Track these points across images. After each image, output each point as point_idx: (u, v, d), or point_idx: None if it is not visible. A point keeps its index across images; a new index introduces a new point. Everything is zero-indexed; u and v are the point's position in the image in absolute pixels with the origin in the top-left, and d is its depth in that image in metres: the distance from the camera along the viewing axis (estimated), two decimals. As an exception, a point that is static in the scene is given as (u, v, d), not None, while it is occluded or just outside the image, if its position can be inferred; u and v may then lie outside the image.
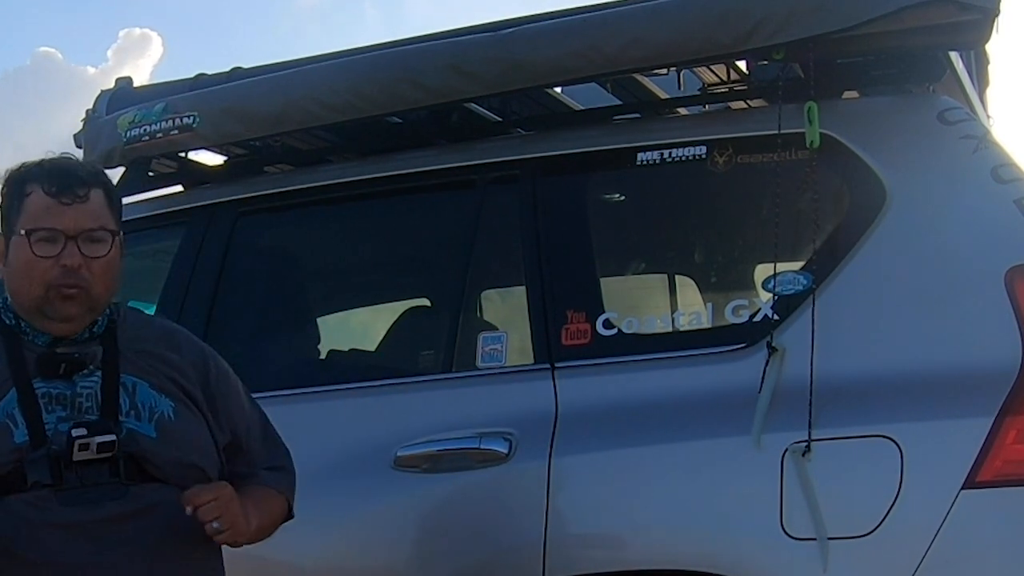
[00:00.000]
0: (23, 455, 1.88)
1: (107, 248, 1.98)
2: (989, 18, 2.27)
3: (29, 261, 1.94)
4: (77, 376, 1.96)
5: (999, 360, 2.13)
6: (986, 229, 2.28)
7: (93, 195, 1.97)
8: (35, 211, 1.95)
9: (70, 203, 1.95)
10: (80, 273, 1.94)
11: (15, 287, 1.99)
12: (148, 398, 1.98)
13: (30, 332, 1.99)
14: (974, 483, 2.06)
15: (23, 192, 1.98)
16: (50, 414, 1.92)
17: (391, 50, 2.83)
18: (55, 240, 1.94)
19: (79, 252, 1.94)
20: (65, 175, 1.97)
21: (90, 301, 1.97)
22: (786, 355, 2.25)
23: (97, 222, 1.97)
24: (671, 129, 2.73)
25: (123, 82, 3.34)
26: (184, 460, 1.96)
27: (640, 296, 3.29)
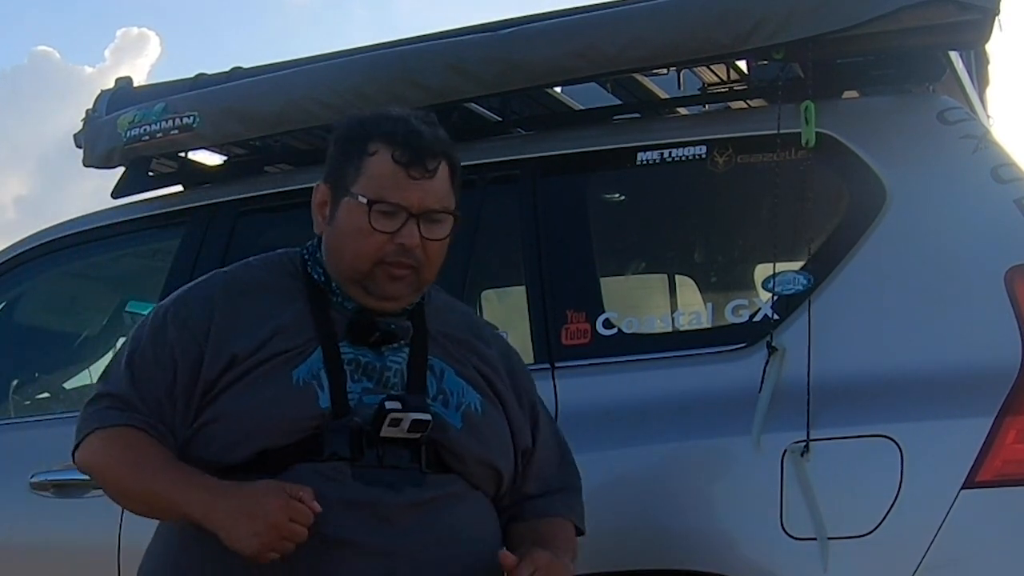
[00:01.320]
0: (324, 422, 1.75)
1: (446, 231, 1.84)
2: (989, 18, 2.27)
3: (363, 231, 1.79)
4: (386, 348, 1.83)
5: (999, 360, 2.13)
6: (986, 229, 2.28)
7: (441, 170, 1.82)
8: (379, 178, 1.79)
9: (419, 178, 1.79)
10: (415, 253, 1.80)
11: (338, 250, 1.84)
12: (456, 386, 1.85)
13: (340, 294, 1.85)
14: (974, 483, 2.06)
15: (365, 150, 1.81)
16: (355, 383, 1.79)
17: (391, 50, 2.84)
18: (396, 215, 1.79)
19: (419, 232, 1.80)
20: (418, 143, 1.80)
21: (418, 283, 1.84)
22: (786, 355, 2.25)
23: (441, 202, 1.83)
24: (671, 129, 2.73)
25: (123, 82, 3.34)
26: (484, 458, 1.83)
27: (640, 296, 3.29)
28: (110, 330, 3.90)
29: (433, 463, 1.79)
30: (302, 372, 1.78)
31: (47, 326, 3.85)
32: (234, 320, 1.82)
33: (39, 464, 2.87)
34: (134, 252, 3.52)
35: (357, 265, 1.81)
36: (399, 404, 1.75)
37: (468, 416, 1.83)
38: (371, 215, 1.78)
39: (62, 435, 3.05)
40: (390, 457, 1.75)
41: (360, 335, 1.82)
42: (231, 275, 1.93)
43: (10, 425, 3.25)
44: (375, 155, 1.80)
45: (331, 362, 1.79)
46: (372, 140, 1.80)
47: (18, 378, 3.56)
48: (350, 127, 1.86)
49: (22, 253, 3.37)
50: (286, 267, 1.91)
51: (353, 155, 1.82)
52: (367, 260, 1.80)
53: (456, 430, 1.81)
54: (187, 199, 3.23)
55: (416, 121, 1.83)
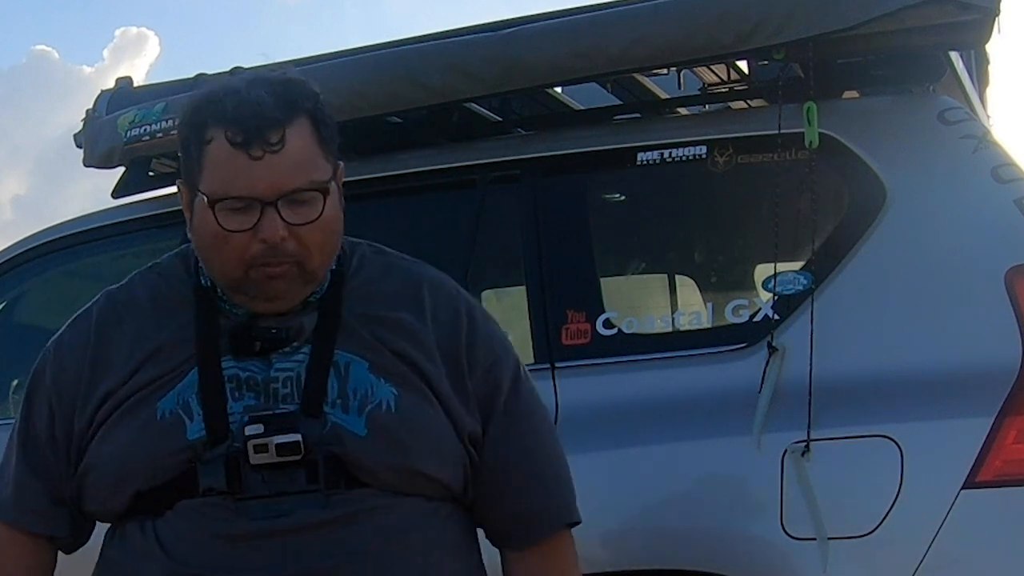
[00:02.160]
0: (197, 454, 1.51)
1: (318, 208, 1.50)
2: (989, 18, 2.27)
3: (218, 236, 1.50)
4: (276, 355, 1.55)
5: (999, 360, 2.13)
6: (986, 229, 2.28)
7: (292, 135, 1.48)
8: (219, 168, 1.49)
9: (261, 156, 1.46)
10: (285, 246, 1.49)
11: (205, 260, 1.57)
12: (363, 383, 1.54)
13: (229, 299, 1.58)
14: (974, 483, 2.07)
15: (202, 138, 1.50)
16: (237, 402, 1.52)
17: (391, 50, 2.83)
18: (249, 208, 1.48)
19: (281, 220, 1.48)
20: (251, 114, 1.47)
21: (304, 275, 1.53)
22: (787, 355, 2.25)
23: (301, 176, 1.49)
24: (671, 129, 2.73)
25: (123, 82, 3.34)
26: (403, 465, 1.52)
27: (640, 296, 3.29)
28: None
29: (339, 479, 1.50)
30: (168, 402, 1.54)
31: (47, 326, 3.84)
32: (107, 355, 1.60)
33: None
34: (134, 252, 3.51)
35: (227, 273, 1.53)
36: (261, 427, 1.48)
37: (375, 419, 1.52)
38: (218, 216, 1.49)
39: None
40: (279, 482, 1.49)
41: (241, 347, 1.55)
42: (111, 300, 1.67)
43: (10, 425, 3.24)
44: (211, 142, 1.49)
45: (208, 383, 1.53)
46: (207, 125, 1.50)
47: (18, 378, 3.56)
48: (185, 112, 1.56)
49: (22, 253, 3.36)
50: (178, 271, 1.66)
51: (192, 148, 1.53)
52: (234, 267, 1.51)
53: (358, 439, 1.51)
54: (187, 199, 3.23)
55: (251, 88, 1.50)
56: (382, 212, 3.05)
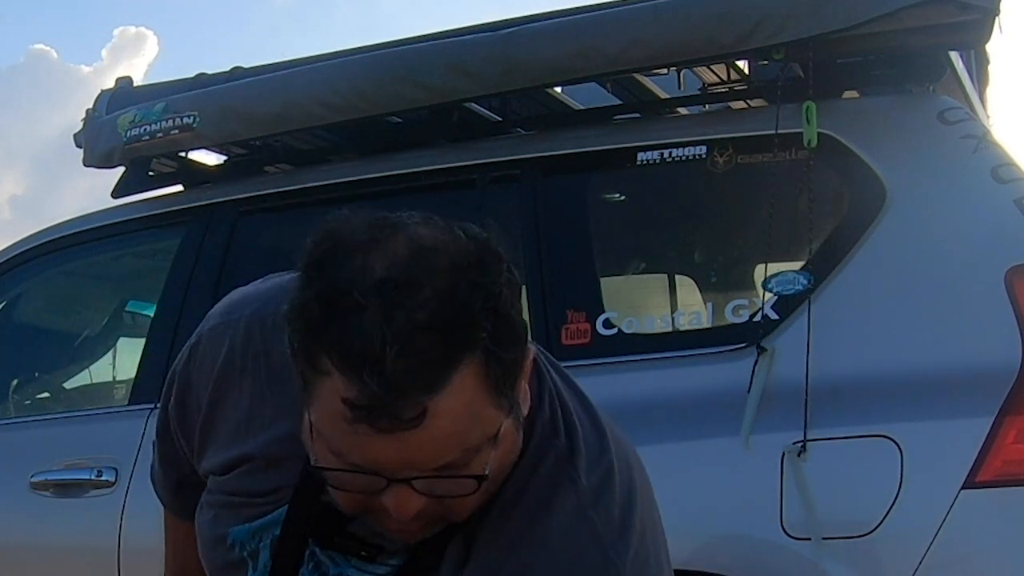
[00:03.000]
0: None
1: (471, 486, 1.07)
2: (989, 18, 2.27)
3: (329, 479, 1.10)
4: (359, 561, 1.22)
5: (999, 360, 2.13)
6: (986, 229, 2.28)
7: (443, 403, 1.01)
8: (330, 423, 1.05)
9: (389, 430, 1.01)
10: (425, 512, 1.09)
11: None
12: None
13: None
14: (974, 483, 2.06)
15: (314, 365, 1.04)
16: (309, 573, 1.24)
17: (391, 50, 2.84)
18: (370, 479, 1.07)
19: (415, 493, 1.06)
20: (387, 377, 0.99)
21: (449, 522, 1.14)
22: (786, 355, 2.25)
23: (449, 451, 1.04)
24: (671, 129, 2.73)
25: (123, 82, 3.34)
26: None
27: (640, 296, 3.29)
28: (110, 330, 3.90)
29: None
30: (241, 533, 1.27)
31: (47, 326, 3.85)
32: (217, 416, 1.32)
33: (39, 464, 2.87)
34: (134, 252, 3.52)
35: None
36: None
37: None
38: (326, 476, 1.10)
39: (62, 435, 3.07)
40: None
41: (318, 532, 1.23)
42: (247, 333, 1.31)
43: (10, 425, 3.25)
44: (328, 376, 1.03)
45: (289, 539, 1.23)
46: (321, 351, 1.03)
47: (18, 378, 3.56)
48: (294, 306, 1.06)
49: (22, 253, 3.37)
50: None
51: (302, 359, 1.06)
52: (350, 508, 1.14)
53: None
54: (187, 199, 3.23)
55: (399, 315, 1.00)
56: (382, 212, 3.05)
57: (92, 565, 2.71)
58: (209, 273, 2.92)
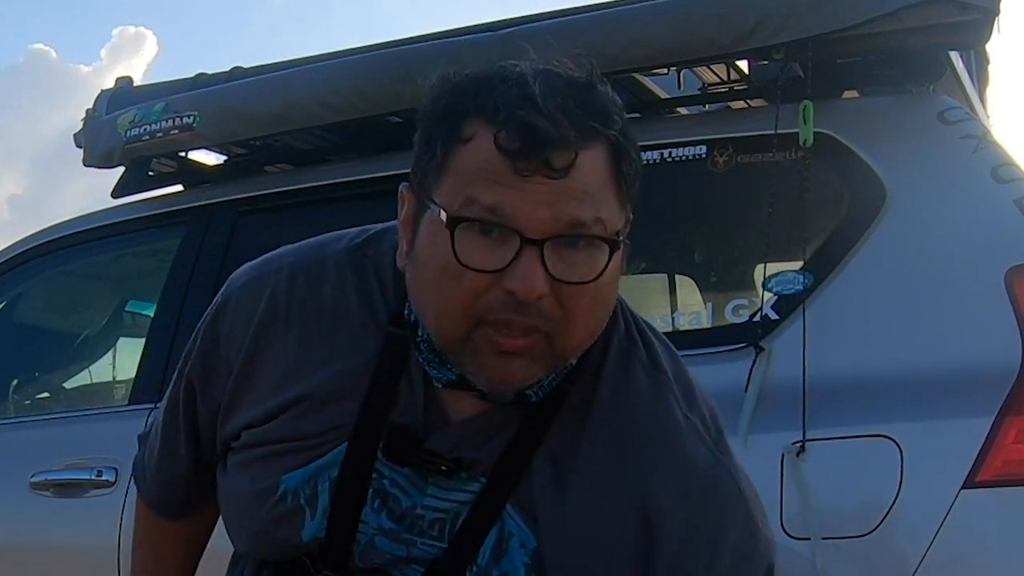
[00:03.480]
0: (310, 550, 1.22)
1: (599, 266, 1.09)
2: (989, 18, 2.27)
3: (447, 269, 1.08)
4: (437, 478, 1.19)
5: (999, 360, 2.12)
6: (986, 229, 2.27)
7: (585, 162, 1.07)
8: (472, 178, 1.07)
9: (531, 174, 1.05)
10: (540, 306, 1.07)
11: (420, 303, 1.15)
12: (515, 570, 1.17)
13: (427, 353, 1.18)
14: (974, 483, 2.06)
15: (457, 132, 1.10)
16: (375, 513, 1.20)
17: (391, 50, 2.83)
18: (502, 242, 1.07)
19: (543, 269, 1.06)
20: (538, 123, 1.05)
21: (551, 358, 1.12)
22: (786, 355, 2.25)
23: (587, 211, 1.07)
24: (671, 129, 2.73)
25: (123, 81, 3.34)
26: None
27: (640, 296, 3.28)
28: (110, 330, 3.90)
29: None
30: (295, 479, 1.22)
31: (47, 326, 3.85)
32: (258, 365, 1.27)
33: (39, 464, 2.87)
34: (134, 252, 3.52)
35: (446, 327, 1.11)
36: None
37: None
38: (456, 239, 1.07)
39: (62, 435, 3.07)
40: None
41: (391, 449, 1.20)
42: (290, 282, 1.29)
43: (10, 425, 3.25)
44: (470, 141, 1.08)
45: (350, 482, 1.19)
46: (469, 117, 1.09)
47: (18, 378, 3.56)
48: (438, 95, 1.17)
49: (22, 253, 3.37)
50: (372, 286, 1.25)
51: (439, 139, 1.12)
52: (457, 320, 1.10)
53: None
54: (187, 199, 3.23)
55: (546, 86, 1.07)
56: (382, 212, 3.05)
57: (92, 565, 2.71)
58: (209, 273, 2.92)
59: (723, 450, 1.25)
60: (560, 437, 1.17)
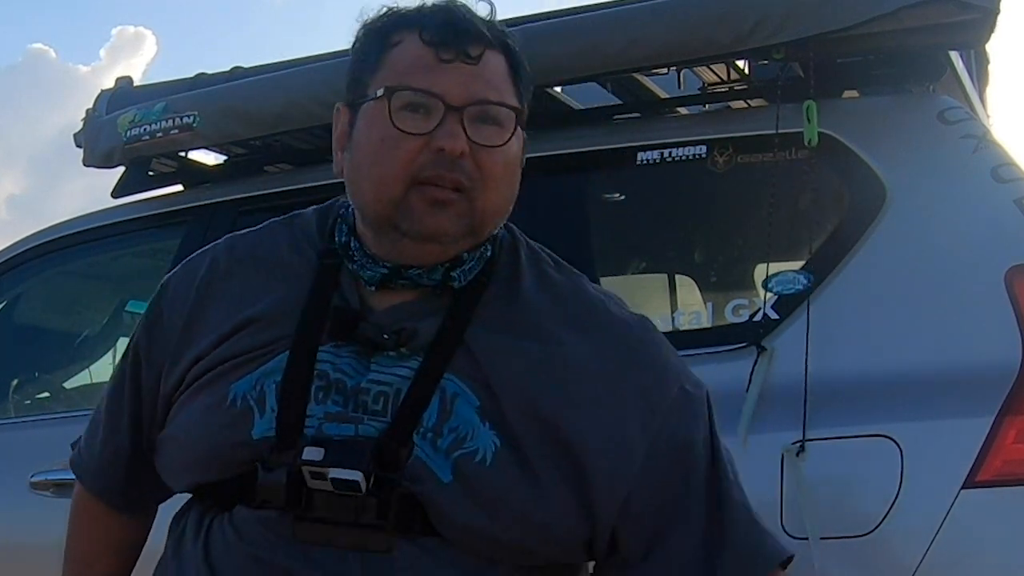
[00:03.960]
0: (261, 453, 1.30)
1: (506, 135, 1.33)
2: (989, 17, 2.26)
3: (386, 139, 1.30)
4: (378, 358, 1.33)
5: (999, 360, 2.12)
6: (986, 229, 2.27)
7: (491, 58, 1.34)
8: (403, 65, 1.32)
9: (451, 60, 1.30)
10: (462, 162, 1.29)
11: (360, 183, 1.36)
12: (465, 423, 1.29)
13: (359, 258, 1.37)
14: (974, 483, 2.06)
15: (387, 42, 1.34)
16: (319, 404, 1.31)
17: (391, 50, 2.83)
18: (428, 110, 1.30)
19: (464, 133, 1.29)
20: (454, 21, 1.33)
21: (471, 215, 1.32)
22: (786, 355, 2.25)
23: (495, 93, 1.33)
24: (671, 129, 2.73)
25: (123, 81, 3.34)
26: (485, 530, 1.28)
27: (640, 296, 3.29)
28: (110, 330, 3.90)
29: (413, 522, 1.28)
30: (243, 385, 1.33)
31: (47, 326, 3.85)
32: (205, 313, 1.42)
33: (39, 464, 2.87)
34: (134, 252, 3.52)
35: (384, 190, 1.31)
36: (321, 452, 1.25)
37: (463, 467, 1.27)
38: (392, 110, 1.30)
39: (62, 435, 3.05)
40: (344, 511, 1.27)
41: (336, 329, 1.34)
42: (228, 249, 1.49)
43: (10, 425, 3.25)
44: (399, 44, 1.34)
45: (293, 374, 1.31)
46: (396, 30, 1.35)
47: (18, 378, 3.56)
48: (371, 24, 1.39)
49: (22, 253, 3.37)
50: (311, 229, 1.48)
51: (371, 54, 1.36)
52: (396, 181, 1.30)
53: (440, 484, 1.27)
54: (187, 199, 3.23)
55: (457, 6, 1.37)
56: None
57: None
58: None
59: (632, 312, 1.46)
60: (491, 314, 1.36)
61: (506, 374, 1.31)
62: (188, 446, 1.37)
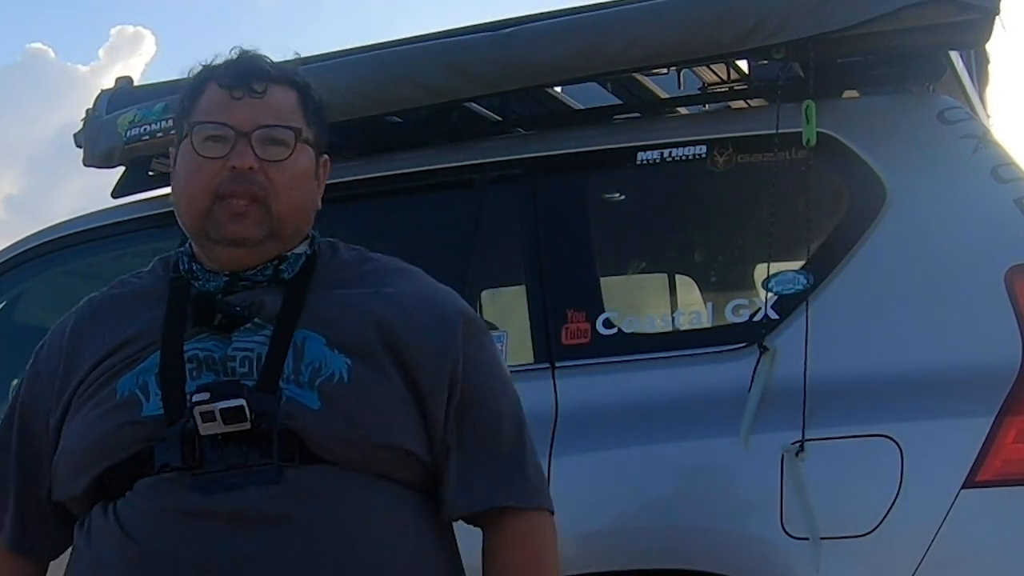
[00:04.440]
0: (153, 432, 1.51)
1: (288, 151, 1.60)
2: (989, 18, 2.27)
3: (193, 164, 1.60)
4: (237, 333, 1.57)
5: (999, 360, 2.13)
6: (986, 229, 2.28)
7: (276, 91, 1.62)
8: (205, 107, 1.62)
9: (241, 97, 1.60)
10: (253, 176, 1.57)
11: (179, 203, 1.67)
12: (317, 356, 1.54)
13: (202, 276, 1.63)
14: (974, 483, 2.06)
15: (197, 91, 1.65)
16: (195, 381, 1.53)
17: (391, 50, 2.83)
18: (224, 139, 1.59)
19: (252, 152, 1.58)
20: (242, 65, 1.63)
21: (269, 220, 1.59)
22: (786, 355, 2.25)
23: (278, 119, 1.61)
24: (671, 129, 2.73)
25: (123, 81, 3.34)
26: (355, 437, 1.51)
27: (640, 296, 3.29)
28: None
29: (294, 454, 1.49)
30: (127, 382, 1.56)
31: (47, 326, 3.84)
32: (80, 352, 1.64)
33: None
34: (134, 252, 3.51)
35: (194, 205, 1.61)
36: (207, 394, 1.48)
37: (327, 390, 1.51)
38: (194, 143, 1.60)
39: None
40: (235, 456, 1.48)
41: (201, 318, 1.58)
42: (88, 304, 1.74)
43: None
44: (204, 92, 1.64)
45: (167, 363, 1.55)
46: (204, 80, 1.65)
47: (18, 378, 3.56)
48: (191, 79, 1.69)
49: (22, 253, 3.36)
50: (158, 271, 1.73)
51: (187, 100, 1.67)
52: (202, 193, 1.59)
53: (311, 412, 1.50)
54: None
55: (254, 54, 1.68)
56: (382, 212, 3.05)
57: None
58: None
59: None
60: (322, 280, 1.63)
61: (342, 310, 1.59)
62: (86, 438, 1.56)
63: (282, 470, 1.48)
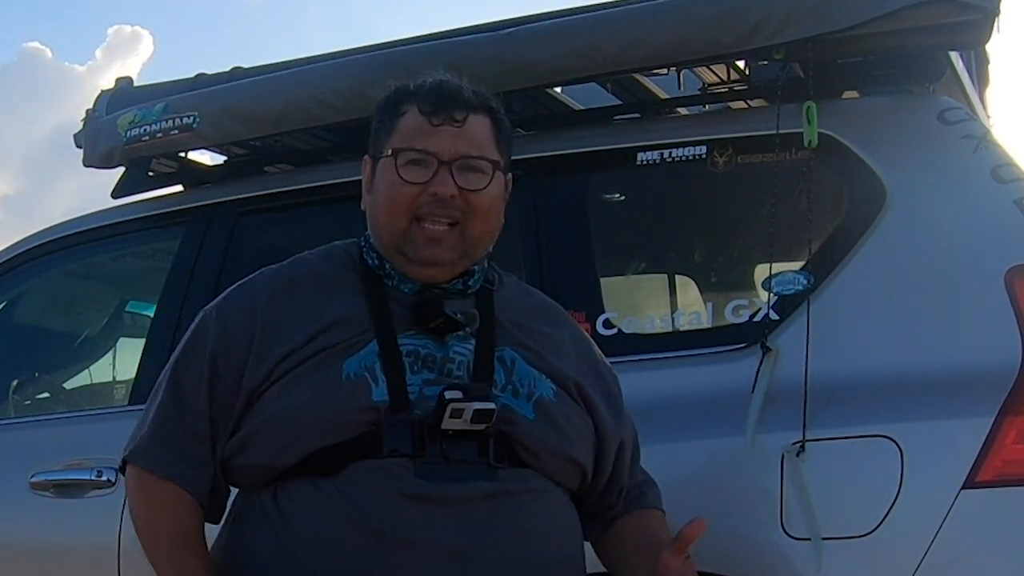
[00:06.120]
0: (380, 417, 1.64)
1: (486, 180, 1.74)
2: (989, 18, 2.27)
3: (394, 185, 1.72)
4: (451, 338, 1.73)
5: (999, 360, 2.13)
6: (986, 229, 2.28)
7: (474, 121, 1.74)
8: (407, 131, 1.74)
9: (440, 124, 1.72)
10: (453, 202, 1.70)
11: (377, 218, 1.77)
12: (527, 376, 1.74)
13: (395, 276, 1.77)
14: (974, 483, 2.06)
15: (398, 112, 1.76)
16: (415, 375, 1.69)
17: (391, 50, 2.84)
18: (426, 164, 1.71)
19: (453, 181, 1.70)
20: (443, 94, 1.75)
21: (463, 244, 1.74)
22: (786, 355, 2.25)
23: (477, 149, 1.73)
24: (671, 129, 2.73)
25: (123, 82, 3.34)
26: (561, 450, 1.72)
27: (640, 296, 3.29)
28: (110, 330, 3.90)
29: (504, 457, 1.68)
30: (353, 365, 1.68)
31: (47, 326, 3.85)
32: (280, 321, 1.73)
33: (39, 464, 2.87)
34: (134, 252, 3.52)
35: (393, 225, 1.73)
36: (460, 393, 1.64)
37: (542, 406, 1.72)
38: (398, 166, 1.71)
39: (62, 435, 3.07)
40: (455, 451, 1.64)
41: (423, 318, 1.72)
42: (277, 274, 1.82)
43: (10, 425, 3.25)
44: (405, 114, 1.75)
45: (387, 353, 1.68)
46: (403, 102, 1.76)
47: (18, 378, 3.56)
48: (386, 95, 1.81)
49: (22, 253, 3.37)
50: (342, 258, 1.83)
51: (386, 121, 1.78)
52: (401, 215, 1.71)
53: (527, 421, 1.69)
54: (187, 199, 3.23)
55: (449, 80, 1.79)
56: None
57: (92, 565, 2.71)
58: (209, 273, 2.92)
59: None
60: (505, 306, 1.82)
61: (541, 341, 1.79)
62: (310, 415, 1.65)
63: (496, 470, 1.67)
